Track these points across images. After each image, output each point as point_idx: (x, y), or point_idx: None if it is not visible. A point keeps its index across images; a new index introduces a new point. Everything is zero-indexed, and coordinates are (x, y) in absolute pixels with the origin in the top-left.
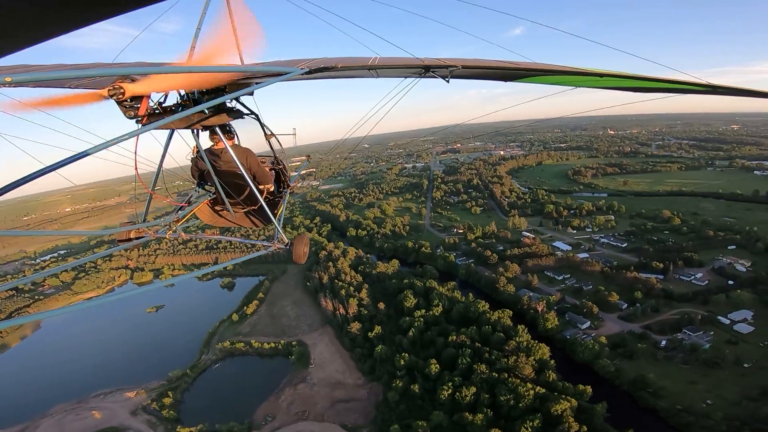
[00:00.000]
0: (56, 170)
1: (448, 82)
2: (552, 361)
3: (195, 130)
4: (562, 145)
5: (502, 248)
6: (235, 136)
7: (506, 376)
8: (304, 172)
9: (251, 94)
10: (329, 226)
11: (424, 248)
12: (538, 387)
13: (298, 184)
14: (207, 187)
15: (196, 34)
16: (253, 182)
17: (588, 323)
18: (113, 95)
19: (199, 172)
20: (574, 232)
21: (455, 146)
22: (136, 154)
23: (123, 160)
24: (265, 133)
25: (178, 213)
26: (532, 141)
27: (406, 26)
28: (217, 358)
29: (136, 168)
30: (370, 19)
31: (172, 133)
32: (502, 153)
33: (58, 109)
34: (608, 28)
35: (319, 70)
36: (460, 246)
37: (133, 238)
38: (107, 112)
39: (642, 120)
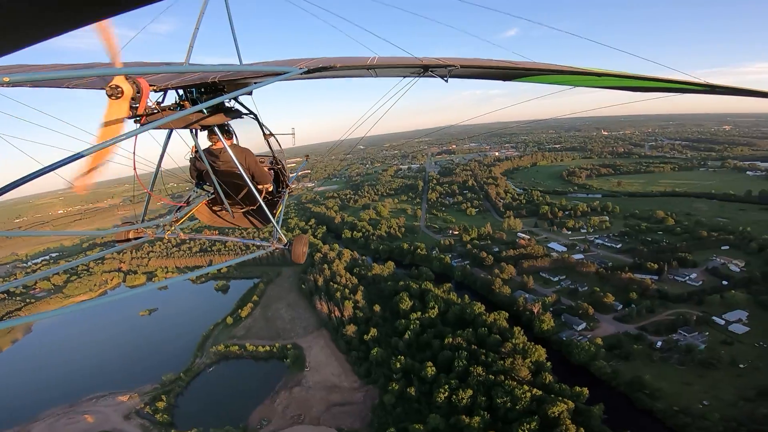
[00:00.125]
0: (54, 170)
1: (446, 81)
2: (548, 363)
3: (194, 130)
4: (557, 146)
5: (498, 250)
6: (234, 136)
7: (503, 378)
8: (302, 172)
9: (250, 93)
10: (324, 228)
11: (419, 250)
12: (534, 389)
13: (294, 186)
14: (206, 187)
15: (195, 33)
16: (251, 182)
17: (584, 324)
18: (111, 95)
19: (198, 172)
20: (569, 233)
21: (450, 147)
22: (134, 154)
23: (121, 160)
24: (264, 133)
25: (176, 213)
26: (526, 142)
27: (405, 27)
28: (212, 362)
29: (134, 168)
30: (369, 19)
31: (171, 133)
32: (497, 154)
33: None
34: (605, 28)
35: (318, 70)
36: (456, 247)
37: (132, 239)
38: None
39: (635, 121)
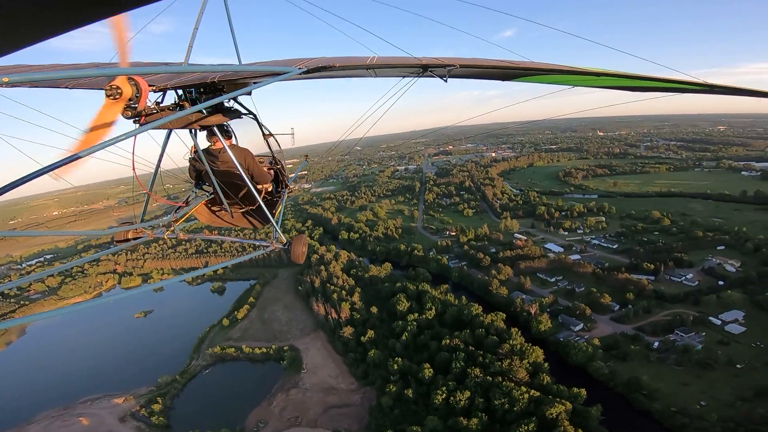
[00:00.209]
0: (53, 171)
1: (446, 81)
2: (546, 364)
3: (193, 130)
4: (553, 147)
5: (495, 250)
6: (233, 136)
7: (500, 379)
8: (302, 172)
9: (249, 94)
10: (321, 229)
11: (416, 251)
12: (532, 390)
13: (294, 186)
14: (205, 188)
15: (194, 33)
16: (251, 182)
17: (581, 325)
18: (110, 95)
19: (197, 173)
20: (566, 233)
21: (447, 148)
22: (133, 155)
23: (120, 161)
24: (263, 133)
25: (176, 213)
26: (523, 143)
27: (404, 27)
28: (208, 364)
29: (133, 168)
30: (368, 19)
31: (170, 133)
32: (493, 155)
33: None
34: (604, 29)
35: (317, 70)
36: (453, 248)
37: (132, 239)
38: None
39: (630, 121)
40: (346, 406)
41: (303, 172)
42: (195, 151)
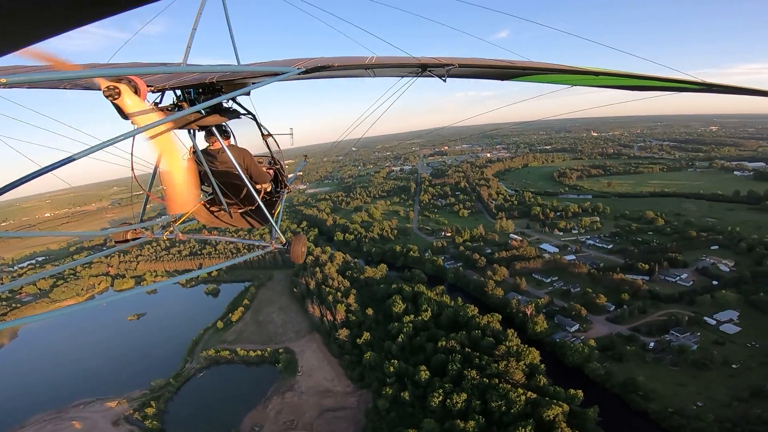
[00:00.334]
0: (52, 172)
1: (444, 81)
2: (542, 366)
3: (191, 131)
4: (548, 147)
5: (490, 251)
6: (232, 137)
7: (497, 381)
8: (301, 173)
9: (248, 94)
10: (316, 230)
11: (412, 252)
12: (529, 392)
13: (293, 186)
14: (204, 188)
15: (192, 34)
16: (250, 182)
17: (577, 326)
18: (109, 96)
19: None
20: (561, 233)
21: (442, 149)
22: (132, 155)
23: (119, 161)
24: (262, 134)
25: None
26: (517, 143)
27: (402, 28)
28: (202, 367)
29: (132, 169)
30: (367, 20)
31: None
32: (488, 155)
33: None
34: (602, 29)
35: (316, 70)
36: (448, 249)
37: (131, 239)
38: (104, 114)
39: (624, 122)
40: (342, 409)
41: (299, 173)
42: (194, 152)
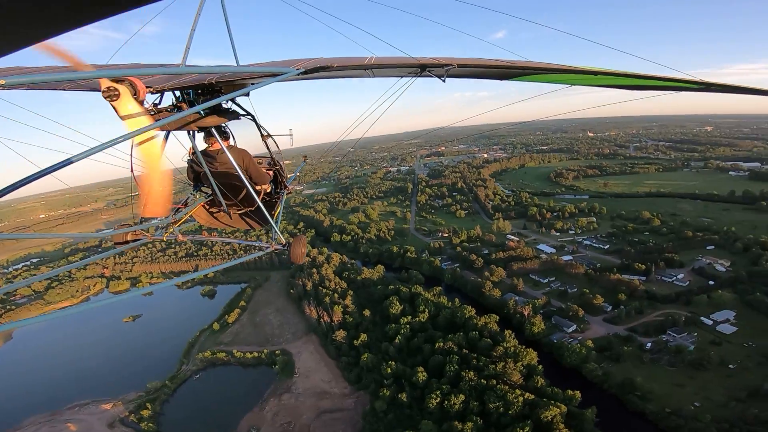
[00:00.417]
0: (51, 173)
1: (444, 81)
2: (540, 367)
3: (191, 132)
4: (544, 148)
5: (488, 252)
6: (231, 137)
7: (495, 382)
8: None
9: (247, 95)
10: (313, 231)
11: (409, 253)
12: (527, 393)
13: (293, 187)
14: (204, 189)
15: (191, 35)
16: (249, 183)
17: (574, 326)
18: (108, 97)
19: (196, 174)
20: (558, 234)
21: (439, 149)
22: (132, 157)
23: (118, 162)
24: (262, 134)
25: (174, 215)
26: (514, 143)
27: (401, 29)
28: (198, 369)
29: (132, 170)
30: (365, 21)
31: (168, 134)
32: (485, 156)
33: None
34: (598, 29)
35: (315, 70)
36: (446, 250)
37: (131, 241)
38: (102, 116)
39: (619, 122)
40: (340, 411)
41: (298, 174)
42: (193, 153)
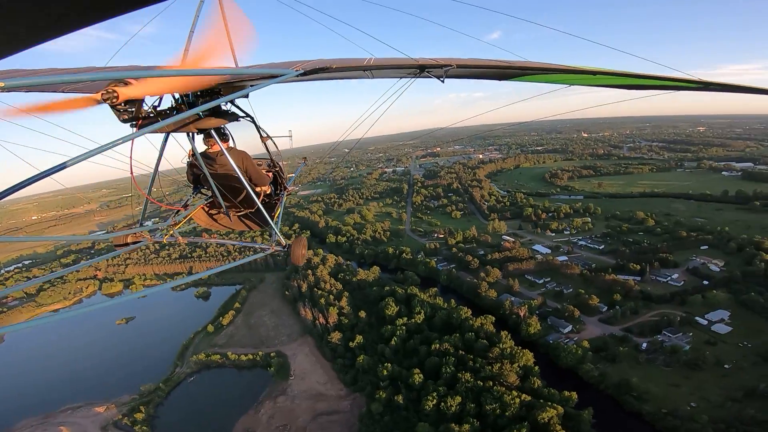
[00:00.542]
0: (51, 176)
1: (443, 82)
2: (536, 368)
3: (190, 134)
4: (539, 148)
5: (483, 253)
6: (231, 139)
7: (491, 384)
8: (292, 174)
9: (246, 96)
10: (308, 232)
11: (405, 254)
12: (523, 395)
13: (293, 188)
14: (203, 191)
15: (190, 36)
16: (249, 185)
17: (570, 327)
18: (107, 99)
19: (195, 176)
20: (553, 234)
21: (435, 150)
22: (131, 159)
23: (117, 164)
24: (261, 136)
25: (174, 217)
26: (509, 144)
27: (400, 30)
28: (192, 371)
29: (131, 172)
30: (365, 21)
31: (167, 136)
32: (481, 156)
33: (52, 115)
34: (595, 29)
35: (314, 72)
36: (441, 251)
37: (130, 243)
38: (101, 116)
39: (613, 122)
40: (336, 413)
41: (291, 174)
42: (193, 155)
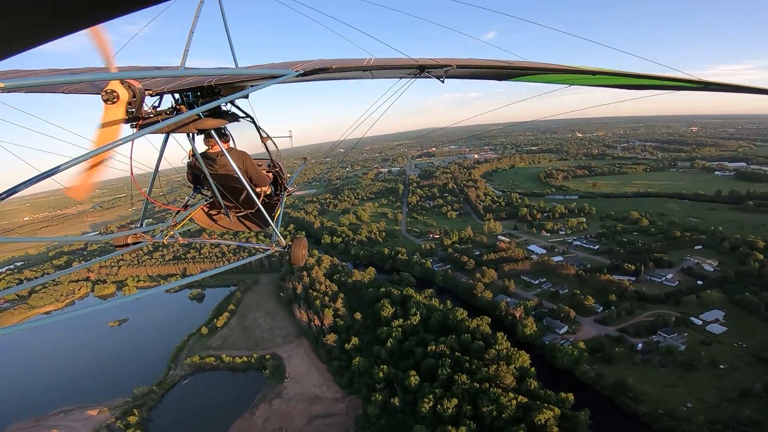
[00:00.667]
0: (51, 177)
1: (443, 82)
2: (532, 369)
3: (190, 134)
4: (534, 148)
5: (479, 253)
6: (231, 140)
7: (488, 386)
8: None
9: (246, 97)
10: (303, 233)
11: (400, 255)
12: (520, 396)
13: (293, 189)
14: (204, 192)
15: (190, 37)
16: (249, 185)
17: (565, 328)
18: (107, 100)
19: (195, 177)
20: (548, 234)
21: (430, 150)
22: (131, 159)
23: (117, 165)
24: (261, 136)
25: (174, 218)
26: (504, 144)
27: (400, 30)
28: (186, 374)
29: (131, 173)
30: (365, 22)
31: (168, 137)
32: (476, 156)
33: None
34: (592, 29)
35: (314, 72)
36: (437, 252)
37: (131, 243)
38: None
39: (607, 122)
40: (332, 416)
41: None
42: (193, 155)
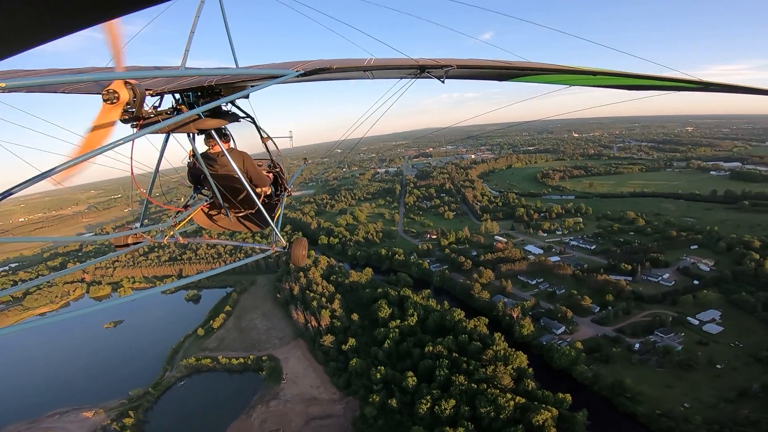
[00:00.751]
0: (51, 177)
1: (443, 82)
2: (530, 369)
3: (191, 134)
4: (530, 148)
5: (476, 253)
6: (231, 140)
7: (485, 386)
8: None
9: (247, 97)
10: (300, 234)
11: (397, 255)
12: (518, 397)
13: (293, 189)
14: (204, 192)
15: (190, 37)
16: (249, 185)
17: (563, 328)
18: (108, 100)
19: (196, 177)
20: (545, 235)
21: (427, 150)
22: (132, 159)
23: (118, 165)
24: (262, 136)
25: (175, 218)
26: (501, 144)
27: (400, 30)
28: (182, 375)
29: (132, 173)
30: (365, 22)
31: (168, 137)
32: (473, 157)
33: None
34: (591, 29)
35: (315, 72)
36: (434, 252)
37: (131, 244)
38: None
39: (603, 123)
40: (329, 417)
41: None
42: (193, 155)
